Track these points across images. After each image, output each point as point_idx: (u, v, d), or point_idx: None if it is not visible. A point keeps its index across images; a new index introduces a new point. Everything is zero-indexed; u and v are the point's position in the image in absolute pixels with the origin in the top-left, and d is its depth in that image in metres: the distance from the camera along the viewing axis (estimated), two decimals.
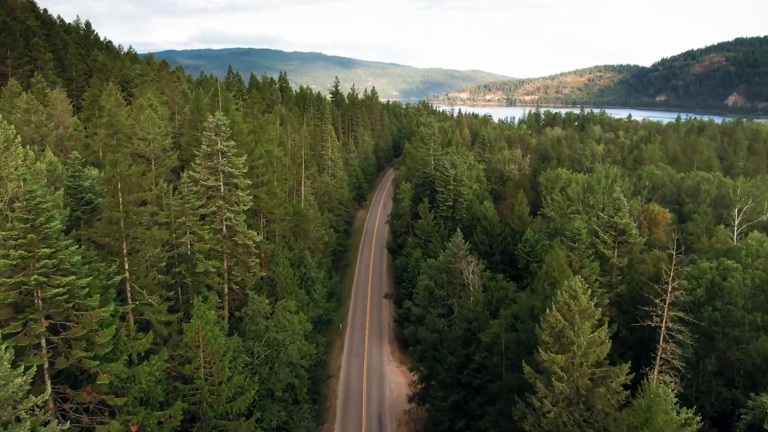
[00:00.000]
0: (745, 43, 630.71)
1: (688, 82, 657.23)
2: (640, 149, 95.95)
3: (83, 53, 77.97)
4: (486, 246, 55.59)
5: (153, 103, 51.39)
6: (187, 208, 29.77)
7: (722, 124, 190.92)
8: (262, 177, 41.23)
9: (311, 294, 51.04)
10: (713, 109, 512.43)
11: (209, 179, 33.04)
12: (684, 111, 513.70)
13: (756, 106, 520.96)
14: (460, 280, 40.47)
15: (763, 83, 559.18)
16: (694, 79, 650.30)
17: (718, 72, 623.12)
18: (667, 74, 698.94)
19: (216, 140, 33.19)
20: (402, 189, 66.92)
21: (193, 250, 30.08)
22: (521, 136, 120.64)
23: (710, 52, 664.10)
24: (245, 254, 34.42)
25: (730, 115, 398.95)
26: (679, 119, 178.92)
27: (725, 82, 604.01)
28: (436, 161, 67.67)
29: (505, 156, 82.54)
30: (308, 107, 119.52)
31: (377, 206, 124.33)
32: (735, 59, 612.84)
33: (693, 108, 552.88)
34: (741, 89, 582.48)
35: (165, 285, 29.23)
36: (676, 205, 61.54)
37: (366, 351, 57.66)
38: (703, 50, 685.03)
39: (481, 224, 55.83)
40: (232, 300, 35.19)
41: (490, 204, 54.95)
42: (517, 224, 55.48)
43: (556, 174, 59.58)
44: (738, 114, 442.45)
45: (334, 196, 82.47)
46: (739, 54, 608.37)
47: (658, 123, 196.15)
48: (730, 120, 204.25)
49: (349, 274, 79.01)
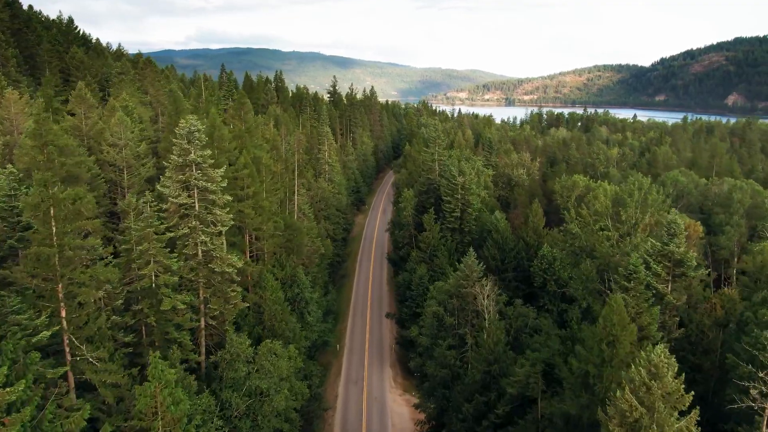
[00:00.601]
0: (744, 43, 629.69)
1: (687, 81, 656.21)
2: (653, 152, 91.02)
3: (61, 50, 72.46)
4: (497, 261, 50.44)
5: (128, 105, 46.03)
6: (150, 233, 24.54)
7: (730, 124, 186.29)
8: (248, 189, 36.04)
9: (305, 317, 45.89)
10: (713, 109, 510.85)
11: (181, 195, 27.81)
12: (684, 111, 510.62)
13: (756, 106, 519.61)
14: (474, 307, 35.46)
15: (763, 83, 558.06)
16: (693, 79, 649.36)
17: (718, 71, 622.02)
18: (667, 74, 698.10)
19: (189, 149, 27.95)
20: (404, 197, 61.75)
21: (158, 284, 24.84)
22: (527, 137, 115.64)
23: (709, 52, 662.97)
24: (224, 283, 29.19)
25: (730, 114, 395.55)
26: (686, 119, 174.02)
27: (725, 81, 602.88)
28: (441, 166, 62.50)
29: (512, 160, 77.46)
30: (305, 108, 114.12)
31: (377, 210, 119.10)
32: (734, 59, 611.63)
33: (693, 108, 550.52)
34: (741, 89, 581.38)
35: (123, 327, 24.03)
36: (702, 215, 56.57)
37: (366, 376, 52.42)
38: (702, 50, 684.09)
39: (492, 237, 50.72)
40: (210, 336, 29.97)
41: (501, 215, 49.82)
42: (532, 237, 50.39)
43: (572, 181, 54.49)
44: (738, 114, 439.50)
45: (331, 203, 77.24)
46: (738, 53, 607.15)
47: (664, 123, 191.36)
48: (739, 120, 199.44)
49: (347, 287, 73.75)
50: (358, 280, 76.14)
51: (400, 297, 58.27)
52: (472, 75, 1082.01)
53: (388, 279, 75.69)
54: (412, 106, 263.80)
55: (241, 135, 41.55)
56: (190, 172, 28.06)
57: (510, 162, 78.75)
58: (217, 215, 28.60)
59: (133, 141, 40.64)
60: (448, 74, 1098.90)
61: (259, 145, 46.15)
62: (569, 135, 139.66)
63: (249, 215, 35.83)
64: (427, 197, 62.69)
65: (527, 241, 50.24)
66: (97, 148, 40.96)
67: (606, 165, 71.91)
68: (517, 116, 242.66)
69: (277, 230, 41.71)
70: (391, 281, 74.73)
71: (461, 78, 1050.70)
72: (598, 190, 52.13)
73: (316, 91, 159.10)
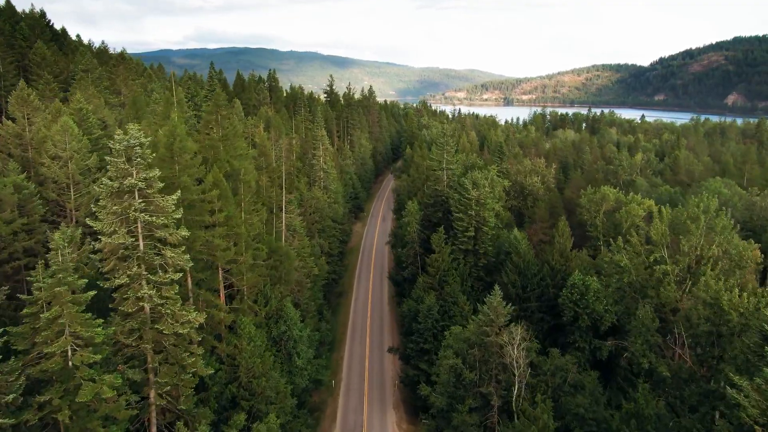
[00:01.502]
0: (743, 42, 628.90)
1: (686, 81, 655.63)
2: (675, 158, 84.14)
3: (24, 45, 64.92)
4: (518, 288, 43.29)
5: (83, 108, 38.63)
6: (62, 293, 17.28)
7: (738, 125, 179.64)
8: (219, 214, 28.82)
9: (293, 360, 38.69)
10: (713, 109, 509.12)
11: (117, 233, 20.54)
12: (683, 110, 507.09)
13: (756, 106, 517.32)
14: (500, 359, 28.48)
15: (762, 82, 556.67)
16: (692, 79, 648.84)
17: (717, 71, 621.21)
18: (666, 73, 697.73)
19: (128, 170, 20.68)
20: (407, 210, 54.49)
21: (75, 363, 17.59)
22: (535, 140, 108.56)
23: (709, 51, 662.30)
24: (180, 346, 21.95)
25: (730, 114, 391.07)
26: (697, 120, 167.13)
27: (724, 81, 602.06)
28: (450, 175, 55.34)
29: (525, 167, 70.36)
30: (299, 109, 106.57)
31: (376, 218, 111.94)
32: (734, 58, 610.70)
33: (692, 107, 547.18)
34: (741, 88, 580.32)
35: (20, 429, 16.75)
36: (749, 233, 49.64)
37: (365, 421, 45.21)
38: (701, 49, 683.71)
39: (511, 260, 43.60)
40: (162, 415, 22.69)
41: (522, 235, 42.74)
42: (558, 261, 43.27)
43: (601, 194, 47.40)
44: (738, 113, 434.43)
45: (326, 214, 69.90)
46: (738, 53, 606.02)
47: (672, 124, 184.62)
48: (746, 121, 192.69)
49: (344, 308, 66.47)
50: (357, 299, 68.90)
51: (404, 329, 51.04)
52: (471, 75, 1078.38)
53: (389, 298, 68.48)
54: (411, 106, 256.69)
55: (214, 145, 34.27)
56: (131, 200, 20.79)
57: (522, 169, 71.64)
58: (169, 257, 21.33)
59: (81, 152, 33.33)
60: (446, 74, 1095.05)
61: (239, 155, 38.80)
62: (578, 137, 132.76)
63: (220, 246, 28.61)
64: (434, 210, 55.48)
65: (552, 266, 43.18)
66: (38, 160, 33.69)
67: (629, 173, 64.83)
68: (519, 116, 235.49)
69: (259, 259, 34.45)
70: (392, 301, 67.60)
71: (459, 78, 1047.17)
72: (631, 205, 45.15)
73: (312, 91, 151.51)
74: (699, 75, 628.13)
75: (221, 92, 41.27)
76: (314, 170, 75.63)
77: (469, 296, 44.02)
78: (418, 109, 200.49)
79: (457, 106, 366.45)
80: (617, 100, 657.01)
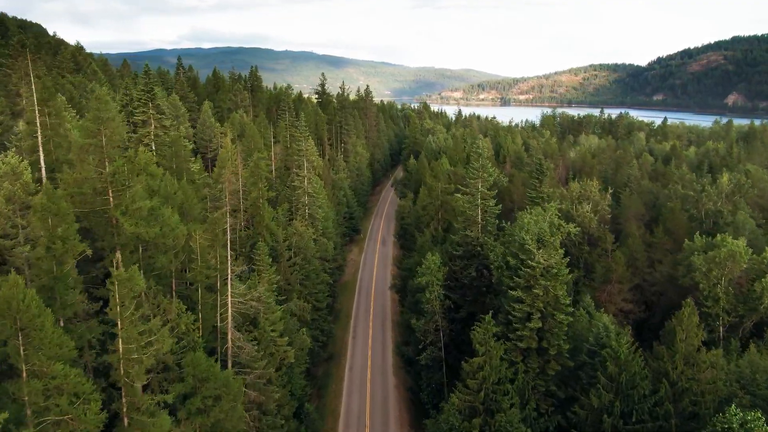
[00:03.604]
0: (743, 42, 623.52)
1: (685, 81, 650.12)
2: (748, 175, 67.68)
3: None
4: (615, 416, 26.39)
5: None
6: None
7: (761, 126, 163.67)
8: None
9: None
10: (713, 109, 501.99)
11: None
12: (683, 110, 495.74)
13: (757, 106, 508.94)
14: None
15: (763, 82, 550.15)
16: (692, 78, 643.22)
17: (717, 71, 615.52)
18: (664, 73, 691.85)
19: None
20: (426, 265, 36.88)
21: None
22: (562, 150, 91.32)
23: (707, 51, 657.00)
24: None
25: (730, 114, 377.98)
26: (729, 122, 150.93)
27: (724, 81, 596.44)
28: (486, 215, 38.18)
29: (573, 191, 53.44)
30: (283, 113, 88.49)
31: (375, 240, 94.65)
32: (733, 58, 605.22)
33: (692, 107, 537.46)
34: (741, 88, 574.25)
35: None
36: None
37: None
38: (700, 49, 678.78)
39: (602, 366, 26.86)
40: None
41: (626, 334, 25.68)
42: (685, 374, 26.45)
43: (726, 253, 30.55)
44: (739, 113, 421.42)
45: (311, 253, 52.60)
46: (737, 53, 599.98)
47: (696, 127, 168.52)
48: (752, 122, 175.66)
49: (334, 385, 48.96)
50: (352, 367, 51.60)
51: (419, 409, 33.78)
52: (466, 74, 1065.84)
53: (395, 369, 51.34)
54: (409, 106, 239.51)
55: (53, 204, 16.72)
56: None
57: (567, 194, 54.73)
58: None
59: None
60: (442, 74, 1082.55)
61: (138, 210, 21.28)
62: (604, 143, 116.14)
63: None
64: (465, 265, 38.25)
65: (672, 381, 26.44)
66: None
67: (715, 202, 47.90)
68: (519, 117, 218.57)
69: None
70: (399, 372, 50.55)
71: (455, 77, 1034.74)
72: None
73: (300, 91, 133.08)
74: (698, 75, 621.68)
75: (101, 96, 23.60)
76: (296, 194, 58.28)
77: (533, 427, 26.94)
78: (418, 110, 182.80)
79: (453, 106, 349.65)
80: (615, 100, 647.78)
